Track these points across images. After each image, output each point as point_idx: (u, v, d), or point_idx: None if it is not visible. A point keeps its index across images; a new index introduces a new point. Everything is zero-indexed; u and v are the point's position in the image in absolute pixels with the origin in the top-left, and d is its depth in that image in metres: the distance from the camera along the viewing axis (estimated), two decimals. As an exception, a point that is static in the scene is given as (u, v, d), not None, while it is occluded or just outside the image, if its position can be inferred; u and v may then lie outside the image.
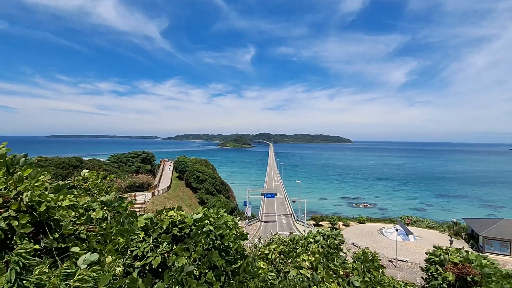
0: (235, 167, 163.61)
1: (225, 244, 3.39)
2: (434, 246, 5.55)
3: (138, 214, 3.42)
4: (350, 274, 4.42)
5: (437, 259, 5.16)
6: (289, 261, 5.07)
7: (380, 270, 5.76)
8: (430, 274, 5.21)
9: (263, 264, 4.50)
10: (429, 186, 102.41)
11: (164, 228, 3.12)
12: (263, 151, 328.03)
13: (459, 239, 36.79)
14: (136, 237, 2.95)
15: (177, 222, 3.27)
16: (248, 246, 7.66)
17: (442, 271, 4.84)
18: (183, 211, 3.51)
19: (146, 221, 3.01)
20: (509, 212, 65.62)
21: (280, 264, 5.12)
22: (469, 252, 4.81)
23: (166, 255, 2.96)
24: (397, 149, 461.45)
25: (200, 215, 3.50)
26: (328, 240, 6.30)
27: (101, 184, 3.87)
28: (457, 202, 79.87)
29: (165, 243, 2.98)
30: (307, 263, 4.53)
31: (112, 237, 2.86)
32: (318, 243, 5.57)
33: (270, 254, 5.26)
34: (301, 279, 4.32)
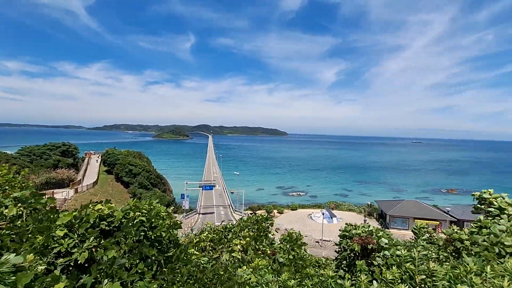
0: (172, 159, 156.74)
1: (157, 234, 3.41)
2: (346, 223, 6.56)
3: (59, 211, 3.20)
4: (277, 252, 4.96)
5: (347, 234, 6.15)
6: (220, 247, 5.37)
7: (303, 248, 6.58)
8: (342, 247, 6.16)
9: (196, 251, 4.70)
10: (352, 175, 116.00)
11: (91, 222, 3.00)
12: (202, 143, 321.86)
13: (372, 219, 43.19)
14: (57, 234, 2.78)
15: (105, 216, 3.16)
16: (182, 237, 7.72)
17: (351, 243, 5.80)
18: (112, 204, 3.41)
19: (69, 218, 2.86)
20: (410, 194, 79.16)
21: (210, 251, 5.40)
22: (371, 226, 5.88)
23: (93, 250, 2.85)
24: (328, 142, 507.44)
25: (128, 206, 3.43)
26: (257, 224, 6.84)
27: (14, 179, 3.44)
28: (372, 187, 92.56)
29: (92, 237, 2.86)
30: (238, 246, 4.90)
31: (29, 235, 2.67)
32: (248, 228, 6.01)
33: (201, 242, 5.48)
34: (232, 261, 4.69)
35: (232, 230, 6.96)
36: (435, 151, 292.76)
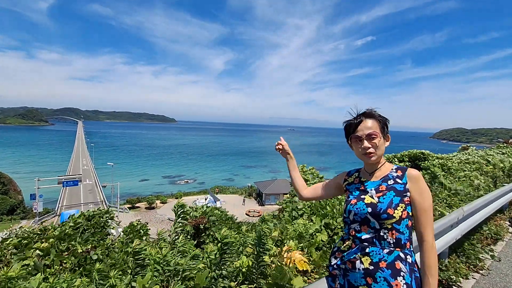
0: (23, 151, 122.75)
1: None
2: (190, 206, 6.59)
3: None
4: (92, 249, 4.39)
5: (187, 216, 6.19)
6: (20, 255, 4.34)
7: (144, 238, 6.23)
8: (176, 231, 6.15)
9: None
10: (238, 160, 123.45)
11: None
12: (69, 130, 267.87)
13: (251, 198, 47.60)
14: None
15: None
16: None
17: (187, 224, 5.85)
18: None
19: None
20: (285, 173, 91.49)
21: (8, 261, 4.30)
22: (206, 206, 6.12)
23: None
24: (216, 128, 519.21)
25: None
26: (92, 220, 6.03)
27: None
28: (255, 170, 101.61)
29: None
30: (37, 251, 4.04)
31: None
32: (59, 227, 5.15)
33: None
34: (24, 272, 3.82)
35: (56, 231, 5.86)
36: (304, 137, 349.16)
